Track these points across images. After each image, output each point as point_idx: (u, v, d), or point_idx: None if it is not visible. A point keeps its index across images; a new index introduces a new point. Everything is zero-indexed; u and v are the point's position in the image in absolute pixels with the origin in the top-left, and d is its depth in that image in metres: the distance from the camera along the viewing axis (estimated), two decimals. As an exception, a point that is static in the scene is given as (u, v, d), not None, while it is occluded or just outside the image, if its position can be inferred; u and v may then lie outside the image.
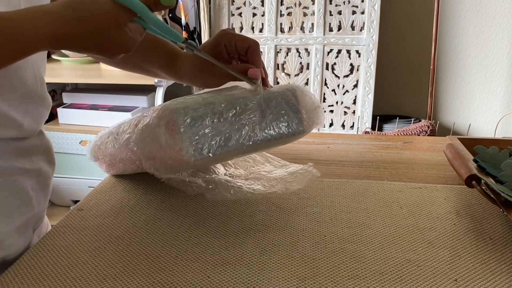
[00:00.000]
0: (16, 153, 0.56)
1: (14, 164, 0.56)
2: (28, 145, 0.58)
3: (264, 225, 0.61)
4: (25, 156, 0.58)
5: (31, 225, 0.61)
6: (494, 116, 2.10)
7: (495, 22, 1.99)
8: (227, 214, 0.64)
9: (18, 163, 0.56)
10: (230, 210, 0.65)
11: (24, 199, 0.58)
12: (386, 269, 0.52)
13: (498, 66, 2.04)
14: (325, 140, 0.93)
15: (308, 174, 0.63)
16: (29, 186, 0.58)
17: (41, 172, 0.61)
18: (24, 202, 0.58)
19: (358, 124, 1.97)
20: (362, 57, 1.92)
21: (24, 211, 0.58)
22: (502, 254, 0.54)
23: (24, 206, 0.58)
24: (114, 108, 1.93)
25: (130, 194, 0.70)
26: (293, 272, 0.51)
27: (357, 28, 1.92)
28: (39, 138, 0.61)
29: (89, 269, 0.52)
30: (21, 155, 0.57)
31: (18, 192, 0.57)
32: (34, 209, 0.60)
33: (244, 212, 0.64)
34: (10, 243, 0.56)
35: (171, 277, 0.51)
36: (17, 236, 0.57)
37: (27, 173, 0.58)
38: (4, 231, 0.55)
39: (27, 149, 0.58)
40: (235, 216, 0.63)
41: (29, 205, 0.59)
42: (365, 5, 1.88)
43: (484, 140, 0.78)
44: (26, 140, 0.58)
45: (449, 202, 0.66)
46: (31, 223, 0.60)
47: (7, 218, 0.55)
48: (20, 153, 0.57)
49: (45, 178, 0.62)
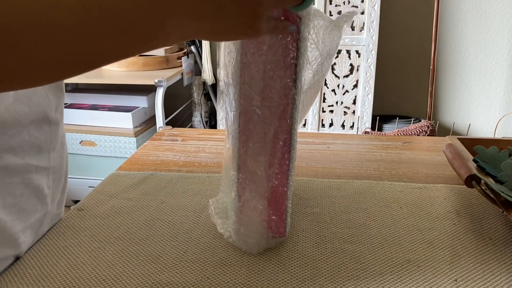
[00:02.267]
0: (34, 150, 0.56)
1: (31, 162, 0.56)
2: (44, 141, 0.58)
3: (264, 225, 0.61)
4: (42, 153, 0.58)
5: (46, 222, 0.61)
6: (494, 116, 2.10)
7: (495, 22, 1.99)
8: (227, 214, 0.64)
9: (34, 160, 0.56)
10: (230, 210, 0.65)
11: (40, 197, 0.58)
12: (386, 269, 0.52)
13: (498, 66, 2.04)
14: (325, 140, 0.93)
15: None
16: (45, 184, 0.59)
17: (56, 169, 0.61)
18: (39, 199, 0.58)
19: (358, 124, 1.97)
20: (362, 57, 1.92)
21: (39, 208, 0.58)
22: (502, 254, 0.54)
23: (40, 204, 0.58)
24: (114, 108, 1.93)
25: (130, 194, 0.70)
26: (293, 273, 0.51)
27: (357, 28, 1.92)
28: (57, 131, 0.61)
29: (89, 269, 0.52)
30: (37, 152, 0.57)
31: (33, 190, 0.57)
32: (48, 206, 0.60)
33: (244, 212, 0.64)
34: (23, 241, 0.56)
35: (171, 277, 0.51)
36: (30, 234, 0.57)
37: (43, 170, 0.58)
38: (19, 229, 0.55)
39: (42, 146, 0.58)
40: (235, 216, 0.63)
41: (44, 203, 0.59)
42: (365, 5, 1.88)
43: (484, 140, 0.78)
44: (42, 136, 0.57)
45: (449, 202, 0.66)
46: (45, 220, 0.61)
47: (22, 216, 0.55)
48: (36, 151, 0.57)
49: (59, 175, 0.62)
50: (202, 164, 0.81)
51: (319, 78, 0.55)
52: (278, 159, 0.51)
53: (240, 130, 0.51)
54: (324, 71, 0.55)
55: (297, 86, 0.49)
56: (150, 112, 2.00)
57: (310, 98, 0.56)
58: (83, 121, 1.91)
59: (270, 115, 0.49)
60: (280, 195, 0.53)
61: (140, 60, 1.95)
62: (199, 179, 0.75)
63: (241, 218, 0.54)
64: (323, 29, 0.51)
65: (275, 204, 0.53)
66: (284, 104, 0.49)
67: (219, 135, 0.97)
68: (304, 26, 0.47)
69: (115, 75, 1.92)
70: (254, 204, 0.52)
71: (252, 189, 0.52)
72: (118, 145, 1.88)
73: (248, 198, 0.52)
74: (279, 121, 0.50)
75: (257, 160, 0.51)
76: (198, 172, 0.78)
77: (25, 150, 0.55)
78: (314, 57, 0.52)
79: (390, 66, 2.10)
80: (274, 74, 0.48)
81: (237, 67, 0.49)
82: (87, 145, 1.91)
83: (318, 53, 0.52)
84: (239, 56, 0.49)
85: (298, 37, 0.47)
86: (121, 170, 0.79)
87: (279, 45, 0.47)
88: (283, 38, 0.47)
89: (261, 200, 0.52)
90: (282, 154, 0.51)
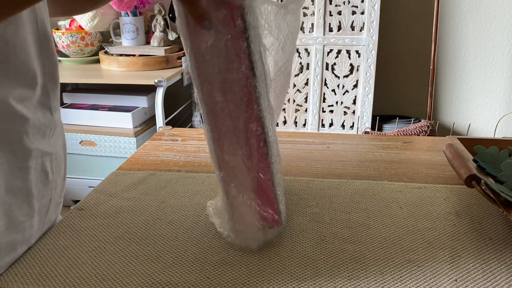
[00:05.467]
0: (41, 135, 0.57)
1: (39, 147, 0.56)
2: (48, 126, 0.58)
3: (264, 225, 0.61)
4: (45, 138, 0.58)
5: (52, 210, 0.62)
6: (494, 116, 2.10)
7: (495, 22, 1.99)
8: (227, 214, 0.64)
9: (41, 145, 0.57)
10: (230, 210, 0.65)
11: (45, 182, 0.59)
12: (386, 269, 0.52)
13: (498, 66, 2.04)
14: (325, 140, 0.93)
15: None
16: (50, 169, 0.59)
17: (57, 155, 0.62)
18: (45, 185, 0.59)
19: (358, 124, 1.97)
20: (362, 57, 1.92)
21: (46, 193, 0.59)
22: (502, 254, 0.54)
23: (46, 189, 0.59)
24: (114, 108, 1.93)
25: (130, 194, 0.70)
26: (293, 273, 0.51)
27: (357, 28, 1.92)
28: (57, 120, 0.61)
29: (89, 269, 0.52)
30: (43, 137, 0.58)
31: (41, 175, 0.57)
32: (52, 192, 0.61)
33: (244, 212, 0.64)
34: (31, 225, 0.56)
35: (171, 277, 0.51)
36: (37, 220, 0.58)
37: (48, 155, 0.59)
38: (25, 213, 0.55)
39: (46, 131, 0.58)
40: (235, 216, 0.63)
41: (49, 188, 0.60)
42: (365, 5, 1.88)
43: (484, 140, 0.78)
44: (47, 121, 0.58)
45: (449, 202, 0.66)
46: (50, 207, 0.61)
47: (30, 200, 0.56)
48: (42, 135, 0.57)
49: (60, 162, 0.63)
50: (202, 164, 0.81)
51: (284, 63, 0.55)
52: (255, 149, 0.51)
53: (211, 129, 0.51)
54: (288, 56, 0.55)
55: (256, 74, 0.49)
56: (150, 112, 2.00)
57: (282, 86, 0.56)
58: (83, 121, 1.91)
59: (235, 107, 0.49)
60: (265, 185, 0.53)
61: (140, 60, 1.95)
62: (199, 179, 0.75)
63: (234, 215, 0.54)
64: (273, 14, 0.51)
65: (263, 194, 0.53)
66: (246, 94, 0.49)
67: (219, 135, 0.97)
68: (250, 14, 0.47)
69: (115, 75, 1.92)
70: (242, 199, 0.52)
71: (237, 184, 0.52)
72: (118, 145, 1.89)
73: (235, 194, 0.52)
74: (246, 112, 0.49)
75: (234, 155, 0.51)
76: (198, 172, 0.78)
77: (34, 134, 0.56)
78: (271, 43, 0.52)
79: (390, 66, 2.10)
80: (229, 66, 0.48)
81: (193, 67, 0.50)
82: (87, 145, 1.91)
83: (273, 39, 0.52)
84: (193, 56, 0.49)
85: (245, 26, 0.47)
86: (121, 170, 0.79)
87: (226, 38, 0.47)
88: (228, 31, 0.47)
89: (247, 193, 0.52)
90: (258, 143, 0.51)
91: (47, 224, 0.61)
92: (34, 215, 0.57)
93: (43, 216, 0.59)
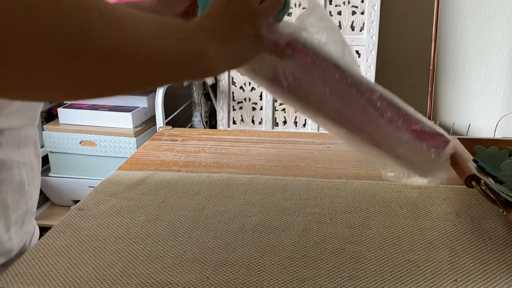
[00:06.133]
0: (15, 145, 0.56)
1: (13, 157, 0.56)
2: (23, 136, 0.58)
3: (264, 226, 0.61)
4: (20, 148, 0.58)
5: (28, 220, 0.61)
6: (494, 116, 2.10)
7: (495, 22, 1.99)
8: (227, 215, 0.64)
9: (15, 156, 0.57)
10: (230, 211, 0.65)
11: (21, 193, 0.58)
12: (386, 269, 0.52)
13: (498, 66, 2.04)
14: (325, 140, 0.93)
15: None
16: (25, 179, 0.59)
17: (32, 165, 0.61)
18: (21, 195, 0.58)
19: (358, 124, 1.97)
20: (362, 58, 1.93)
21: (22, 204, 0.59)
22: (502, 254, 0.54)
23: (22, 199, 0.59)
24: (114, 108, 1.93)
25: (130, 194, 0.70)
26: (293, 273, 0.51)
27: (357, 29, 1.92)
28: (32, 130, 0.61)
29: (89, 269, 0.52)
30: (17, 147, 0.57)
31: (17, 186, 0.57)
32: (29, 202, 0.60)
33: (244, 213, 0.64)
34: (9, 238, 0.56)
35: (171, 277, 0.51)
36: (14, 231, 0.57)
37: (23, 166, 0.58)
38: (4, 224, 0.55)
39: (21, 141, 0.58)
40: (235, 216, 0.63)
41: (25, 199, 0.59)
42: (365, 6, 1.88)
43: (483, 140, 0.78)
44: (22, 131, 0.58)
45: (449, 202, 0.66)
46: (26, 217, 0.61)
47: (8, 212, 0.56)
48: (17, 145, 0.57)
49: (34, 171, 0.63)
50: (202, 164, 0.81)
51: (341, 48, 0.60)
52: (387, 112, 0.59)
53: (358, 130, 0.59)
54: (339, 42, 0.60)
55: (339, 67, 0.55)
56: (150, 112, 2.00)
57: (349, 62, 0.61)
58: (83, 121, 1.91)
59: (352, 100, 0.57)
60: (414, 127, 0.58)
61: (140, 60, 1.94)
62: (199, 179, 0.75)
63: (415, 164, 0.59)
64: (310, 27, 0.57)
65: (418, 134, 0.58)
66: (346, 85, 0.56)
67: (219, 135, 0.97)
68: (301, 37, 0.54)
69: (115, 75, 1.92)
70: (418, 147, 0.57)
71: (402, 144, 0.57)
72: (118, 145, 1.88)
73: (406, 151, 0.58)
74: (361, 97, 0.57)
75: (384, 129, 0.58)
76: (198, 172, 0.78)
77: (8, 145, 0.55)
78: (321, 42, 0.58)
79: (390, 66, 2.10)
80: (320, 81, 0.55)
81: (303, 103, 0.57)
82: (87, 145, 1.91)
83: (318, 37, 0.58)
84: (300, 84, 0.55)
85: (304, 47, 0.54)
86: (121, 170, 0.79)
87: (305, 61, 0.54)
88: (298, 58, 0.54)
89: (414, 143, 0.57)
90: (385, 106, 0.58)
91: (25, 236, 0.61)
92: (10, 227, 0.56)
93: (19, 227, 0.59)
